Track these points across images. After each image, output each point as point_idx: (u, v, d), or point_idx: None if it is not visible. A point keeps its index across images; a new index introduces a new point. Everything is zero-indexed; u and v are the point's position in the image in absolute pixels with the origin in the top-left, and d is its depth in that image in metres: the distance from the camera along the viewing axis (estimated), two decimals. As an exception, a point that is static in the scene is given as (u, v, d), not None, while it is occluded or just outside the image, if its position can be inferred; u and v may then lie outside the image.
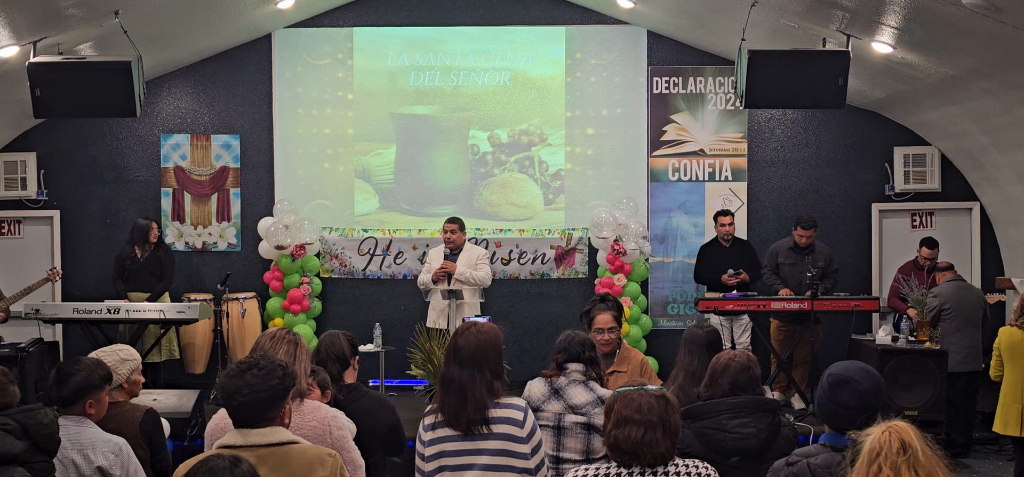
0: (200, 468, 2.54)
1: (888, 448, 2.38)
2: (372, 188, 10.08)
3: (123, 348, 4.24)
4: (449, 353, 3.63)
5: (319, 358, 4.27)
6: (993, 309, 8.33)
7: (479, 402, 3.51)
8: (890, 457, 2.37)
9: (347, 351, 4.30)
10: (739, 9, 7.55)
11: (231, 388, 2.99)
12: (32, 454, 3.26)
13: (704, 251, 9.22)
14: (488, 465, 3.52)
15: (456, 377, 3.54)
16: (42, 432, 3.29)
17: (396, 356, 8.66)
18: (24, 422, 3.25)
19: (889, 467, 2.37)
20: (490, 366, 3.57)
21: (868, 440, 2.43)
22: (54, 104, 7.15)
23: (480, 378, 3.53)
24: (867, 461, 2.40)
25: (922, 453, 2.38)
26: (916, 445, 2.38)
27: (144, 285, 8.90)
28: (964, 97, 8.11)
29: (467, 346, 3.58)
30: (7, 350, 7.64)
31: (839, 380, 3.10)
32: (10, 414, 3.26)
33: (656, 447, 2.97)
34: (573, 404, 4.02)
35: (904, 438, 2.39)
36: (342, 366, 4.26)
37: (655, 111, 9.95)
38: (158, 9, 7.83)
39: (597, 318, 4.94)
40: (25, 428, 3.25)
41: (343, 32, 10.00)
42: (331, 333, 4.38)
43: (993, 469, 7.51)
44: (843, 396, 3.06)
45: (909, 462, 2.36)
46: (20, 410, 3.29)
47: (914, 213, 9.92)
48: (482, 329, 3.64)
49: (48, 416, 3.34)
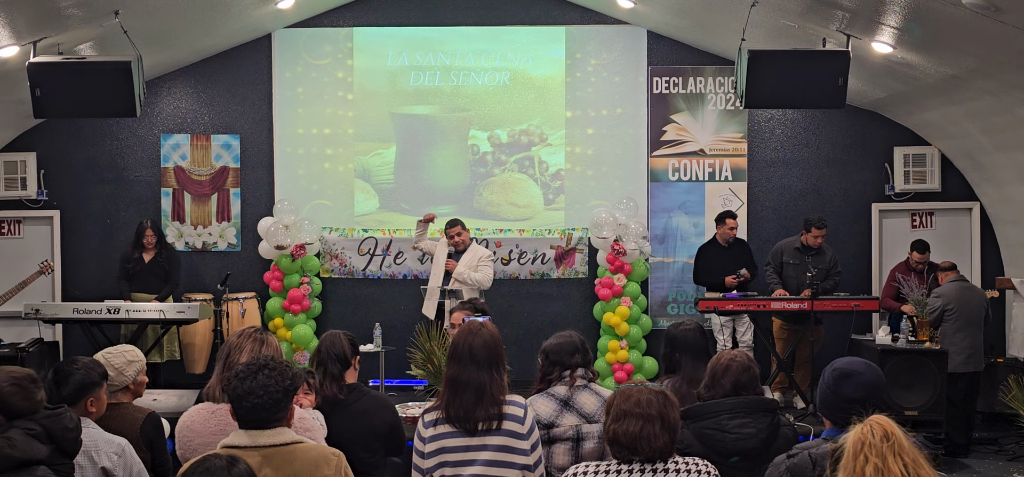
0: (198, 468, 2.54)
1: (872, 438, 2.41)
2: (372, 188, 10.09)
3: (129, 349, 4.23)
4: (461, 354, 3.64)
5: (320, 358, 4.28)
6: (991, 307, 8.33)
7: (496, 400, 3.58)
8: (875, 446, 2.40)
9: (348, 351, 4.31)
10: (739, 9, 7.55)
11: (244, 390, 2.99)
12: (55, 457, 3.28)
13: (703, 252, 9.22)
14: (490, 461, 3.57)
15: (473, 377, 3.58)
16: (66, 436, 3.31)
17: (396, 356, 8.67)
18: (49, 426, 3.28)
19: (876, 456, 2.39)
20: (503, 365, 3.66)
21: (850, 436, 2.46)
22: (54, 104, 7.15)
23: (498, 377, 3.60)
24: (852, 455, 2.43)
25: (904, 441, 2.42)
26: (897, 433, 2.42)
27: (149, 287, 8.92)
28: (964, 97, 8.11)
29: (483, 347, 3.62)
30: (7, 350, 7.65)
31: (843, 373, 3.11)
32: (36, 419, 3.28)
33: (654, 441, 2.98)
34: (586, 413, 3.99)
35: (886, 427, 2.43)
36: (343, 366, 4.27)
37: (655, 111, 9.95)
38: (158, 9, 7.83)
39: (454, 315, 5.06)
40: (50, 432, 3.27)
41: (343, 32, 10.01)
42: (332, 333, 4.39)
43: (993, 469, 7.50)
44: (847, 389, 3.07)
45: (894, 449, 2.40)
46: (46, 415, 3.31)
47: (914, 213, 9.92)
48: (490, 329, 3.70)
49: (72, 420, 3.36)
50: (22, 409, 3.27)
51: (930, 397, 7.49)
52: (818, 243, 8.61)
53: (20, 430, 3.22)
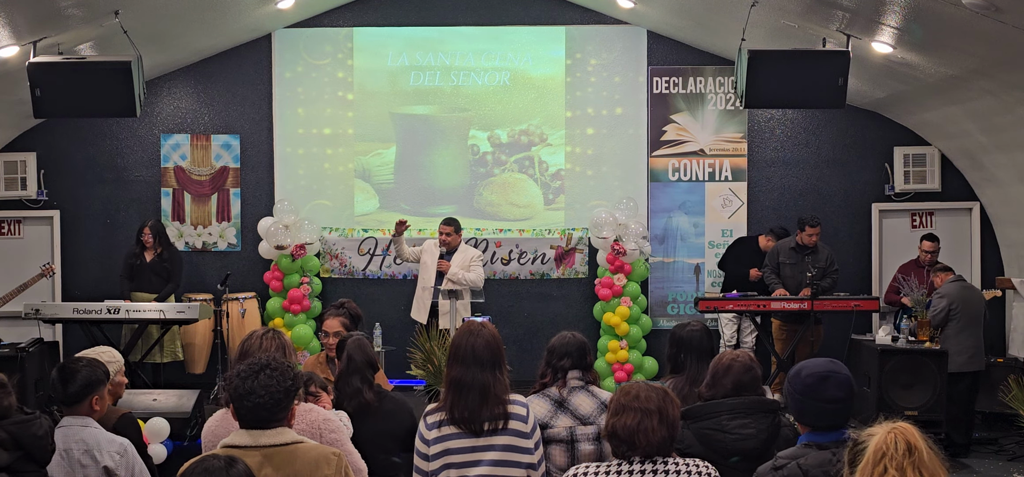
0: (196, 468, 2.54)
1: (894, 449, 2.38)
2: (372, 188, 10.08)
3: (105, 350, 4.26)
4: (463, 355, 3.64)
5: (353, 366, 4.26)
6: (990, 306, 8.32)
7: (501, 400, 3.59)
8: (896, 458, 2.37)
9: (375, 355, 4.36)
10: (739, 9, 7.55)
11: (245, 389, 2.99)
12: (23, 463, 3.26)
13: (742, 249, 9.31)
14: (496, 461, 3.58)
15: (476, 378, 3.58)
16: (36, 443, 3.30)
17: (396, 356, 8.67)
18: (16, 433, 3.25)
19: (895, 468, 2.37)
20: (504, 364, 3.67)
21: (873, 440, 2.42)
22: (54, 104, 7.15)
23: (500, 376, 3.62)
24: (872, 462, 2.40)
25: (926, 454, 2.39)
26: (921, 447, 2.39)
27: (150, 286, 8.92)
28: (964, 97, 8.11)
29: (485, 347, 3.63)
30: (7, 350, 7.63)
31: (820, 376, 3.08)
32: (3, 425, 3.26)
33: (651, 435, 2.99)
34: (581, 415, 3.98)
35: (910, 440, 2.40)
36: (374, 370, 4.32)
37: (655, 111, 9.94)
38: (158, 9, 7.83)
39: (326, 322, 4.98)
40: (16, 439, 3.25)
41: (343, 32, 10.01)
42: (358, 338, 4.38)
43: (993, 469, 7.50)
44: (829, 391, 3.05)
45: (915, 463, 2.37)
46: (14, 421, 3.29)
47: (914, 213, 9.92)
48: (490, 329, 3.71)
49: (42, 427, 3.34)
50: None
51: (930, 397, 7.48)
52: (813, 242, 8.61)
53: None
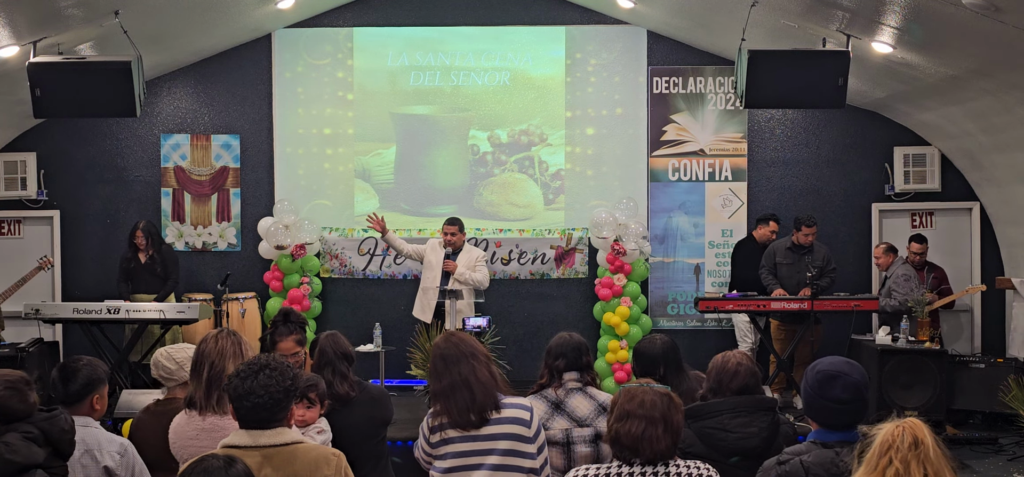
0: (195, 468, 2.54)
1: (900, 442, 2.42)
2: (372, 188, 10.08)
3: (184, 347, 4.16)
4: (437, 366, 3.68)
5: (326, 359, 4.22)
6: (990, 300, 8.30)
7: (486, 387, 3.60)
8: (901, 450, 2.41)
9: (350, 347, 4.32)
10: (739, 9, 7.55)
11: (245, 389, 2.98)
12: (52, 459, 3.28)
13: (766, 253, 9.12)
14: (497, 465, 3.58)
15: (456, 377, 3.61)
16: (62, 438, 3.31)
17: (396, 356, 8.67)
18: (45, 429, 3.27)
19: (899, 460, 2.40)
20: (481, 353, 3.70)
21: (880, 433, 2.47)
22: (54, 104, 7.15)
23: (478, 365, 3.63)
24: (878, 453, 2.45)
25: (933, 450, 2.42)
26: (928, 442, 2.42)
27: (148, 287, 8.91)
28: (964, 97, 8.11)
29: (453, 347, 3.69)
30: (7, 350, 7.64)
31: (829, 375, 3.09)
32: (33, 422, 3.26)
33: (656, 443, 2.97)
34: (578, 417, 3.98)
35: (917, 434, 2.43)
36: (350, 363, 4.28)
37: (655, 111, 9.94)
38: (158, 9, 7.83)
39: (280, 345, 4.29)
40: (46, 435, 3.26)
41: (343, 32, 10.01)
42: (331, 333, 4.35)
43: (993, 469, 7.50)
44: (835, 391, 3.06)
45: (919, 457, 2.40)
46: (42, 417, 3.30)
47: (914, 213, 9.92)
48: (457, 334, 3.80)
49: (67, 421, 3.36)
50: (18, 412, 3.25)
51: (930, 397, 7.49)
52: (809, 241, 8.62)
53: (18, 434, 3.20)
